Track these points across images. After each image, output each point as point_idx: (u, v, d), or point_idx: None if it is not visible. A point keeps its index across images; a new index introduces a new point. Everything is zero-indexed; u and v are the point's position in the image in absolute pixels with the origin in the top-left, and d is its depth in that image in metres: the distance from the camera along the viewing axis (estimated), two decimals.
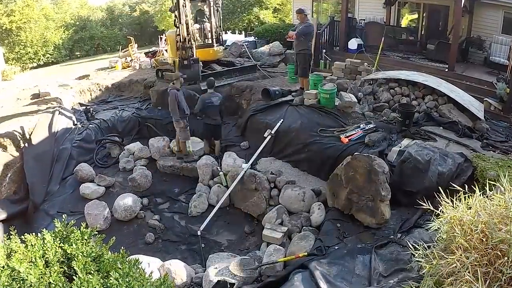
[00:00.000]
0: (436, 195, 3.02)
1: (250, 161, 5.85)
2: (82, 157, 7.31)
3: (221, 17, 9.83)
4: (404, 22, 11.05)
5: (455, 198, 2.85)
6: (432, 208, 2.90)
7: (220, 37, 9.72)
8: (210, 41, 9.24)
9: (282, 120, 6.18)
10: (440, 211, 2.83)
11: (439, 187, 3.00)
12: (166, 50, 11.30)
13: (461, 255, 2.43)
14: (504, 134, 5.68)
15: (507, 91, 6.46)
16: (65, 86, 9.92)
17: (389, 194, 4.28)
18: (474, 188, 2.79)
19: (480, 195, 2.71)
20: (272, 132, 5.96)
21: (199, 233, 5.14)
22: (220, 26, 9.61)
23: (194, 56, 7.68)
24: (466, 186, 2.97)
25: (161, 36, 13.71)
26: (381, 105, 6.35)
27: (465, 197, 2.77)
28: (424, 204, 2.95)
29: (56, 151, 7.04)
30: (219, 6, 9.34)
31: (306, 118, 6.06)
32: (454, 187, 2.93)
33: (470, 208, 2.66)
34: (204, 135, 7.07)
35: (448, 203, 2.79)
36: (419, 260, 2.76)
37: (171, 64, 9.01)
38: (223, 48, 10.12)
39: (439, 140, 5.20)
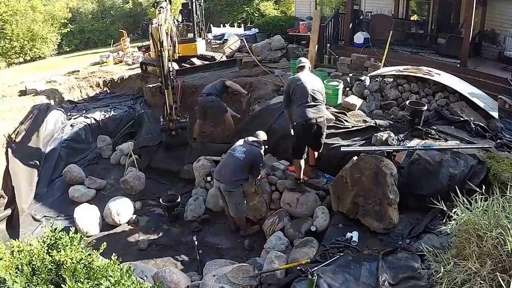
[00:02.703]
0: (447, 199, 3.03)
1: None
2: (72, 158, 7.32)
3: (203, 12, 10.65)
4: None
5: (467, 201, 2.86)
6: (445, 209, 2.89)
7: (202, 31, 10.46)
8: (192, 36, 9.90)
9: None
10: (455, 214, 2.83)
11: (451, 190, 3.00)
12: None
13: (475, 261, 2.43)
14: None
15: None
16: (53, 82, 9.92)
17: (397, 198, 4.28)
18: (488, 191, 2.80)
19: (495, 198, 2.72)
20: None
21: (194, 238, 5.14)
22: (203, 21, 10.19)
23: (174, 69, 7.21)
24: (479, 189, 2.96)
25: None
26: (389, 102, 6.35)
27: (478, 201, 2.78)
28: (435, 207, 2.95)
29: (44, 151, 7.05)
30: (201, 2, 10.06)
31: None
32: (466, 190, 2.93)
33: (485, 212, 2.67)
34: None
35: (461, 206, 2.80)
36: (431, 265, 2.76)
37: (154, 58, 9.34)
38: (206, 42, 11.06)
39: (451, 140, 5.20)
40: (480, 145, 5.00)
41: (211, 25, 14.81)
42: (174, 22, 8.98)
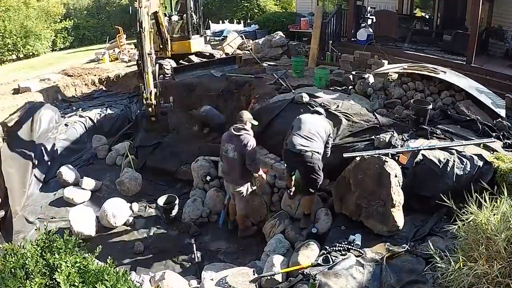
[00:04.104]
0: (453, 200, 3.03)
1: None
2: (66, 158, 7.32)
3: (201, 8, 10.75)
4: None
5: (474, 203, 2.86)
6: (454, 208, 2.89)
7: (200, 28, 10.55)
8: (186, 34, 10.00)
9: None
10: (466, 213, 2.84)
11: (457, 192, 3.00)
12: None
13: (483, 264, 2.44)
14: None
15: None
16: (47, 80, 9.92)
17: (402, 199, 4.28)
18: (495, 193, 2.80)
19: (504, 199, 2.72)
20: None
21: (193, 241, 5.15)
22: (200, 17, 10.27)
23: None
24: (487, 190, 2.96)
25: None
26: (393, 101, 6.34)
27: (487, 202, 2.78)
28: (443, 206, 2.96)
29: (38, 151, 7.05)
30: None
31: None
32: (473, 191, 2.93)
33: (495, 213, 2.67)
34: None
35: (471, 206, 2.80)
36: (438, 268, 2.75)
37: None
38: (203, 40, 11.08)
39: (456, 140, 5.19)
40: (481, 140, 5.00)
41: (209, 21, 14.81)
42: (165, 17, 9.09)
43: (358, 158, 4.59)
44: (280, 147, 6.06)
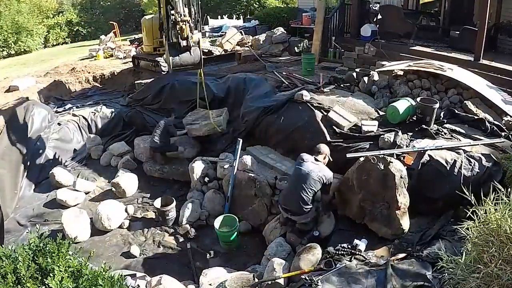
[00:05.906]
0: (460, 202, 3.03)
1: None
2: (59, 158, 7.32)
3: (199, 2, 10.46)
4: None
5: (483, 205, 2.86)
6: (473, 201, 2.88)
7: (198, 23, 10.44)
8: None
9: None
10: (472, 214, 2.83)
11: (464, 194, 3.00)
12: None
13: (494, 267, 2.44)
14: None
15: None
16: (40, 78, 9.93)
17: (407, 201, 4.28)
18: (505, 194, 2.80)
19: None
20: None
21: (188, 246, 5.14)
22: (199, 12, 10.33)
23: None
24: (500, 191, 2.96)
25: None
26: (398, 99, 6.35)
27: (499, 202, 2.78)
28: (448, 211, 2.95)
29: (30, 152, 7.05)
30: None
31: (307, 116, 6.05)
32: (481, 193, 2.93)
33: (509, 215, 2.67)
34: None
35: (487, 204, 2.80)
36: (446, 272, 2.75)
37: (147, 52, 9.87)
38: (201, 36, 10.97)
39: (464, 140, 5.19)
40: (490, 140, 4.99)
41: (208, 16, 14.82)
42: None
43: (362, 159, 4.59)
44: (281, 145, 6.13)
